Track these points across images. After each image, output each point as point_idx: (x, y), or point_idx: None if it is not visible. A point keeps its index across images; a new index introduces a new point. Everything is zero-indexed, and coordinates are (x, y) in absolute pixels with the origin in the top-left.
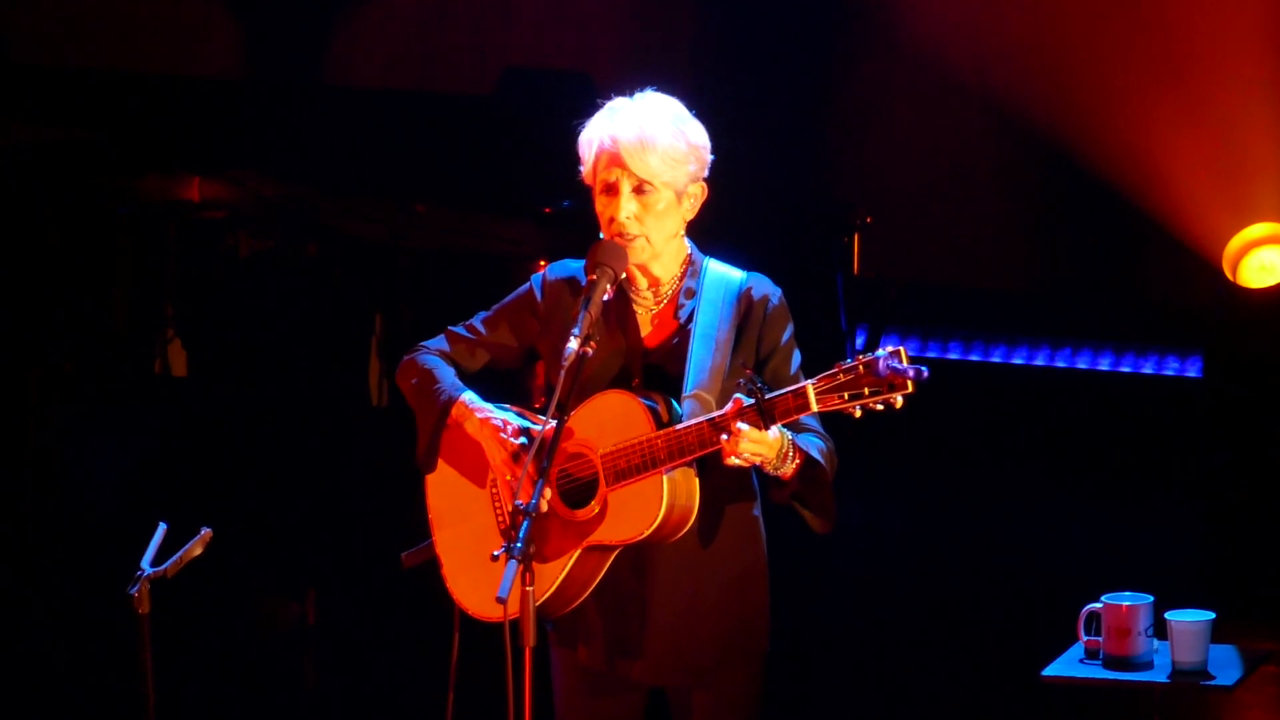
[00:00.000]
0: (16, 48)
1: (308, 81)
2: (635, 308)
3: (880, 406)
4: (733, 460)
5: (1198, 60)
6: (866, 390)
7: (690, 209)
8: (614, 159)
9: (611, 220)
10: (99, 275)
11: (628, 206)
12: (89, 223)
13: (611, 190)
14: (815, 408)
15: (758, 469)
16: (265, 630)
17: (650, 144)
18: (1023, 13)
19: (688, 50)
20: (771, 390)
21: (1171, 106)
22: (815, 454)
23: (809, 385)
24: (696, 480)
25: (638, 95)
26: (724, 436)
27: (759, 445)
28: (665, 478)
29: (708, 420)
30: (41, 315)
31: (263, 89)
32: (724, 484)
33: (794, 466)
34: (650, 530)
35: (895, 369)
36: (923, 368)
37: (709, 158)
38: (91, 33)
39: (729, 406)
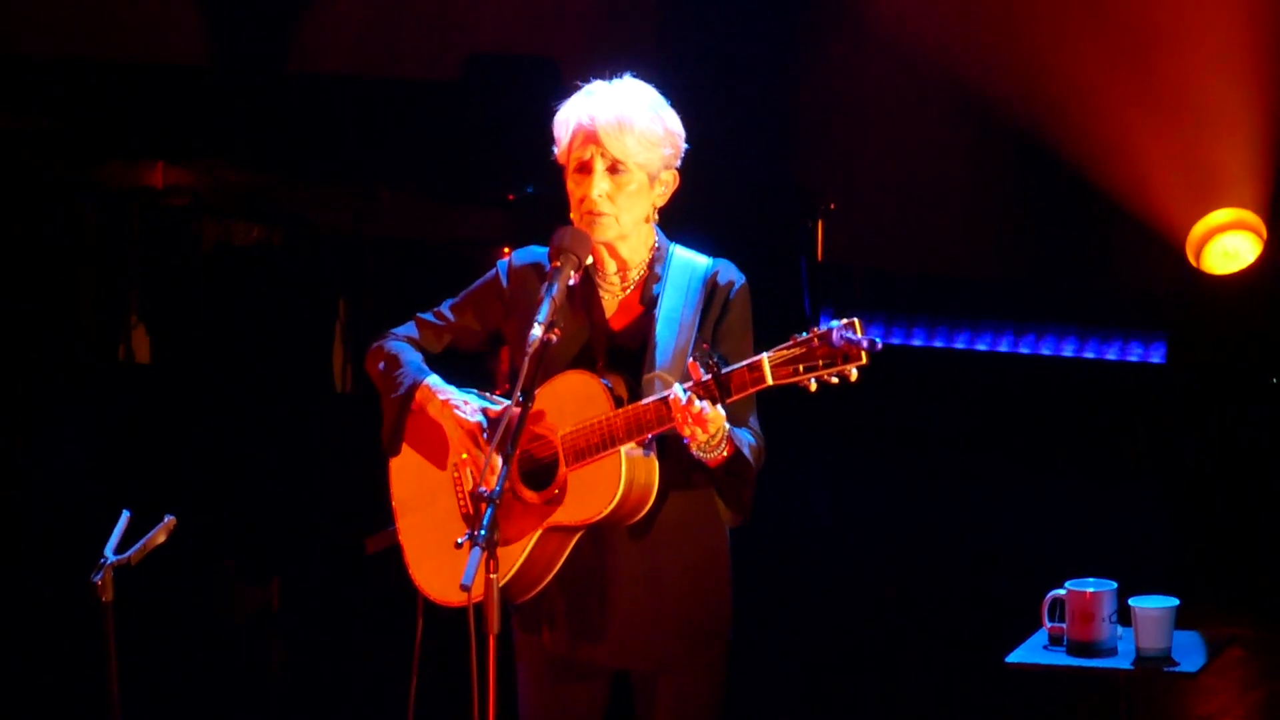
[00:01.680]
0: None
1: (271, 68)
2: (601, 292)
3: (835, 379)
4: (687, 433)
5: (1162, 47)
6: (821, 363)
7: (661, 195)
8: (590, 136)
9: (583, 199)
10: (63, 262)
11: (600, 185)
12: (52, 210)
13: (585, 168)
14: (770, 380)
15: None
16: (229, 617)
17: (628, 124)
18: (990, 1)
19: (654, 35)
20: (727, 364)
21: (1136, 93)
22: (745, 450)
23: (764, 358)
24: (656, 460)
25: (615, 80)
26: (681, 401)
27: (707, 421)
28: (624, 456)
29: (664, 396)
30: (4, 301)
31: (226, 76)
32: (685, 467)
33: (722, 456)
34: (609, 509)
35: (849, 340)
36: (876, 338)
37: (683, 146)
38: (56, 21)
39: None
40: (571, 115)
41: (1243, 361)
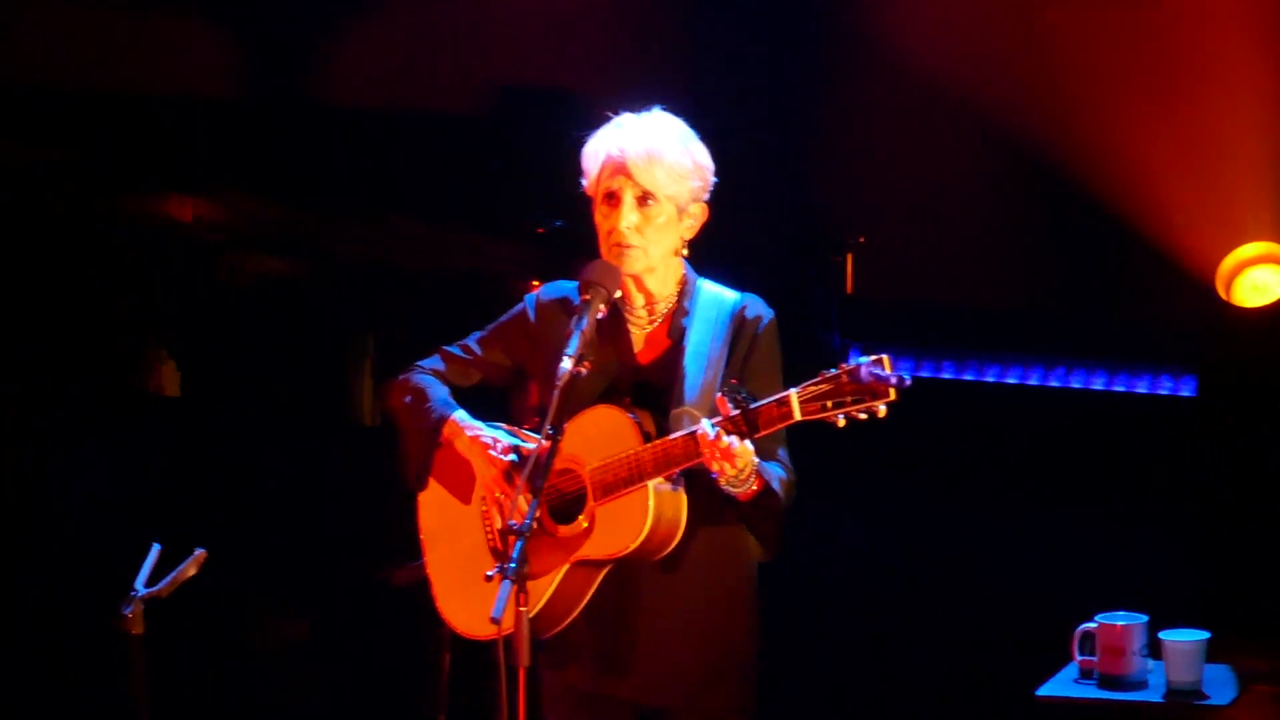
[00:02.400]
0: (11, 69)
1: (301, 101)
2: (629, 326)
3: (864, 415)
4: (715, 468)
5: (1190, 78)
6: (849, 399)
7: (689, 228)
8: (619, 168)
9: (611, 230)
10: (92, 295)
11: (629, 216)
12: (81, 242)
13: (614, 200)
14: (799, 415)
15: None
16: (258, 651)
17: (657, 156)
18: (1013, 31)
19: (678, 69)
20: (755, 400)
21: (1164, 125)
22: (775, 484)
23: (792, 393)
24: (684, 496)
25: (644, 112)
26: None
27: (735, 456)
28: (651, 491)
29: (692, 431)
30: (34, 335)
31: (254, 110)
32: (713, 501)
33: (751, 490)
34: (636, 544)
35: (878, 376)
36: (905, 375)
37: (712, 180)
38: (85, 54)
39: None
40: (601, 147)
41: (1273, 394)
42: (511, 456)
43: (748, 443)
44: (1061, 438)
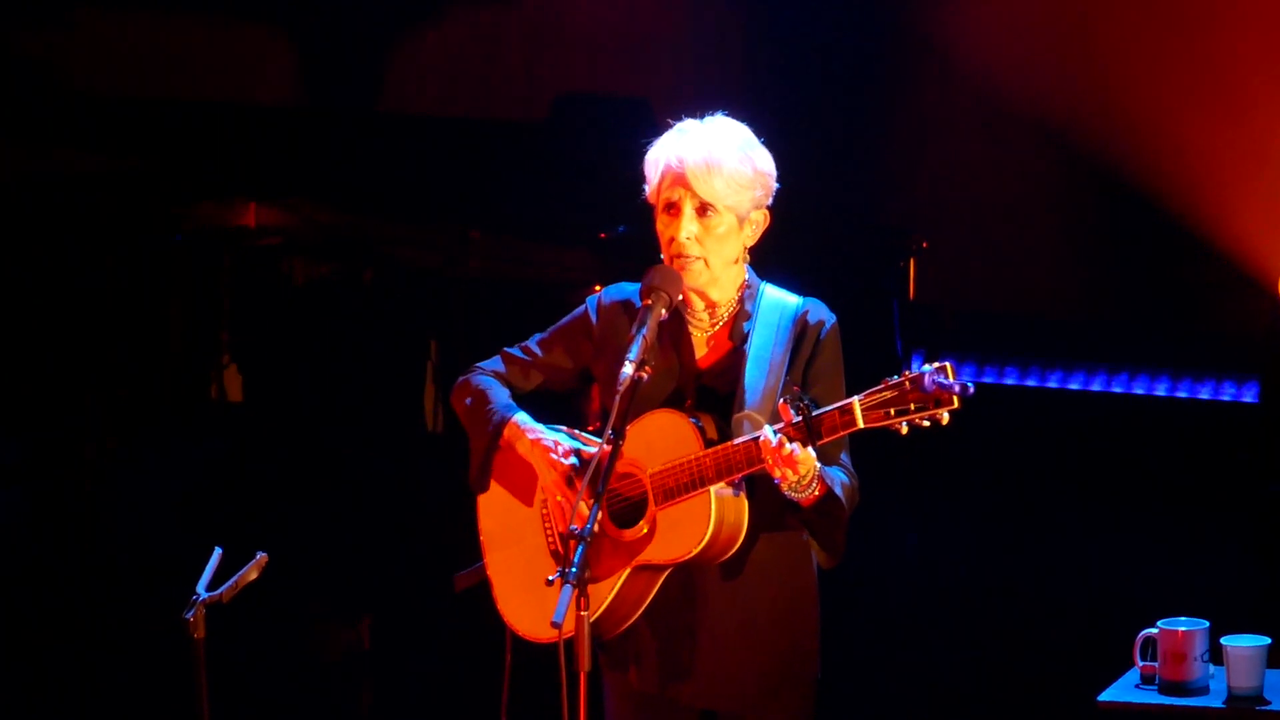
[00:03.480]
0: (75, 77)
1: (362, 108)
2: (690, 329)
3: (926, 423)
4: (778, 474)
5: (1254, 89)
6: (913, 406)
7: (751, 235)
8: (679, 178)
9: (672, 240)
10: (156, 301)
11: (689, 227)
12: (146, 249)
13: (674, 209)
14: (861, 424)
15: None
16: (321, 656)
17: (716, 166)
18: (1079, 41)
19: (744, 75)
20: (818, 407)
21: (1225, 132)
22: (838, 489)
23: (855, 401)
24: (745, 500)
25: (707, 118)
26: (772, 443)
27: (798, 463)
28: (714, 496)
29: (754, 438)
30: (99, 340)
31: (318, 116)
32: (775, 506)
33: (813, 495)
34: (698, 549)
35: (941, 384)
36: (968, 383)
37: (774, 185)
38: (149, 62)
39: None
40: (661, 155)
41: None
42: (572, 460)
43: (810, 449)
44: (1124, 444)
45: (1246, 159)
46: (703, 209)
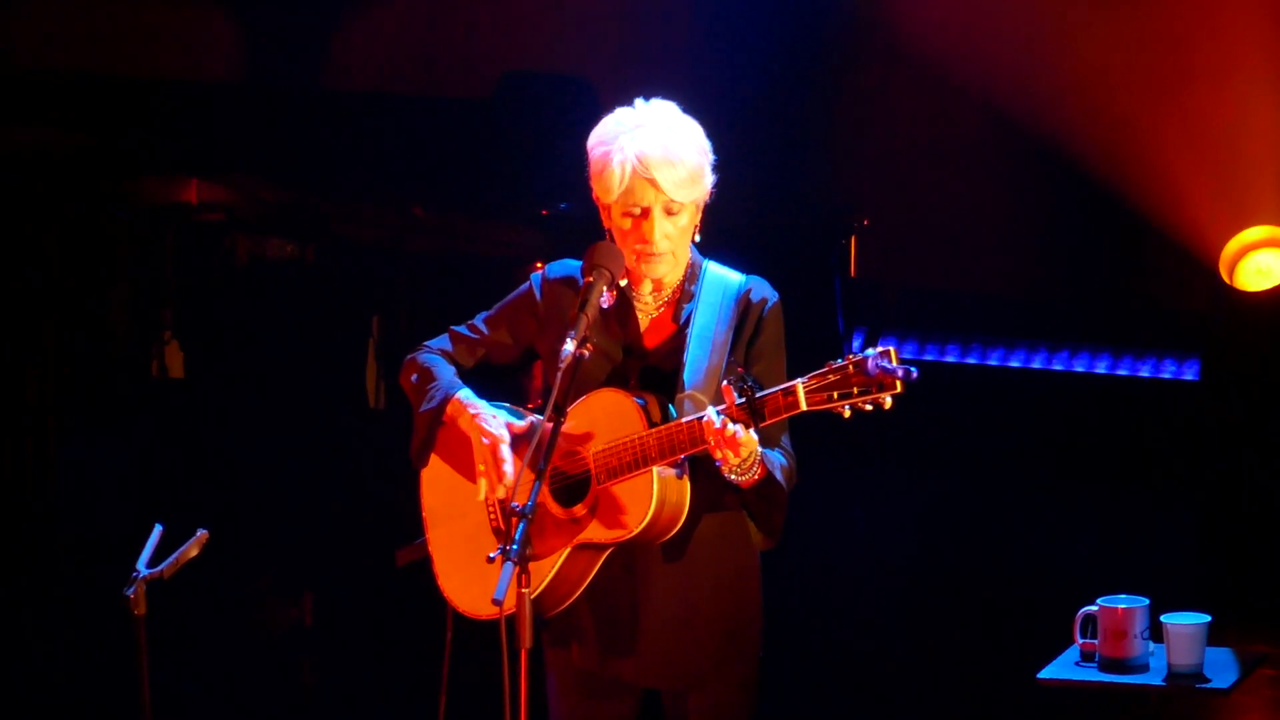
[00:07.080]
0: (17, 53)
1: (306, 85)
2: (637, 309)
3: (869, 407)
4: (719, 455)
5: (1195, 64)
6: (855, 390)
7: (699, 215)
8: (648, 182)
9: (642, 241)
10: (97, 277)
11: (663, 228)
12: (87, 225)
13: (644, 214)
14: (804, 406)
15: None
16: (262, 631)
17: (678, 164)
18: (1022, 17)
19: (685, 53)
20: (761, 389)
21: (1169, 110)
22: (778, 473)
23: (799, 384)
24: (688, 480)
25: (642, 105)
26: (715, 424)
27: (740, 444)
28: (656, 475)
29: (698, 418)
30: (39, 317)
31: (261, 93)
32: (717, 487)
33: (754, 478)
34: (640, 528)
35: (884, 368)
36: (912, 368)
37: (713, 158)
38: (92, 38)
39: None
40: (615, 154)
41: (1276, 378)
42: (502, 431)
43: (752, 431)
44: (1065, 422)
45: (1187, 136)
46: (669, 208)
